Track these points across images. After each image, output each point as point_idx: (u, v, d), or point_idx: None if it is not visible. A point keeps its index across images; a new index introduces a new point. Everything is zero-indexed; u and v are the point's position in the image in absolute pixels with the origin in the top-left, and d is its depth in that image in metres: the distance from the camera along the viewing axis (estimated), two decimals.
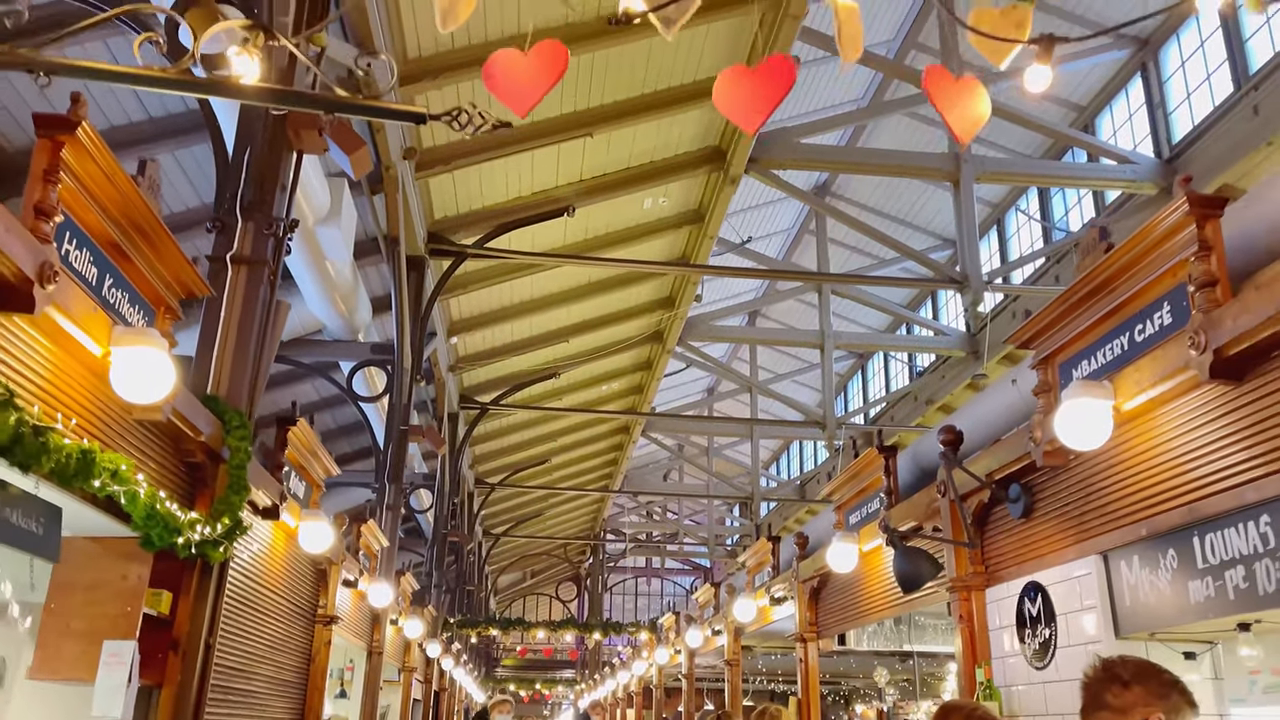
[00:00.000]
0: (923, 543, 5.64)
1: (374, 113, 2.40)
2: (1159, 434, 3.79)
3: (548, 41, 2.28)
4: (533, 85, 2.25)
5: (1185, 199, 3.50)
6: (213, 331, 5.24)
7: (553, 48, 2.29)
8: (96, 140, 3.28)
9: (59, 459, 3.21)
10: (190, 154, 8.93)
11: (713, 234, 14.86)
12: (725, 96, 2.37)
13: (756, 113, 2.33)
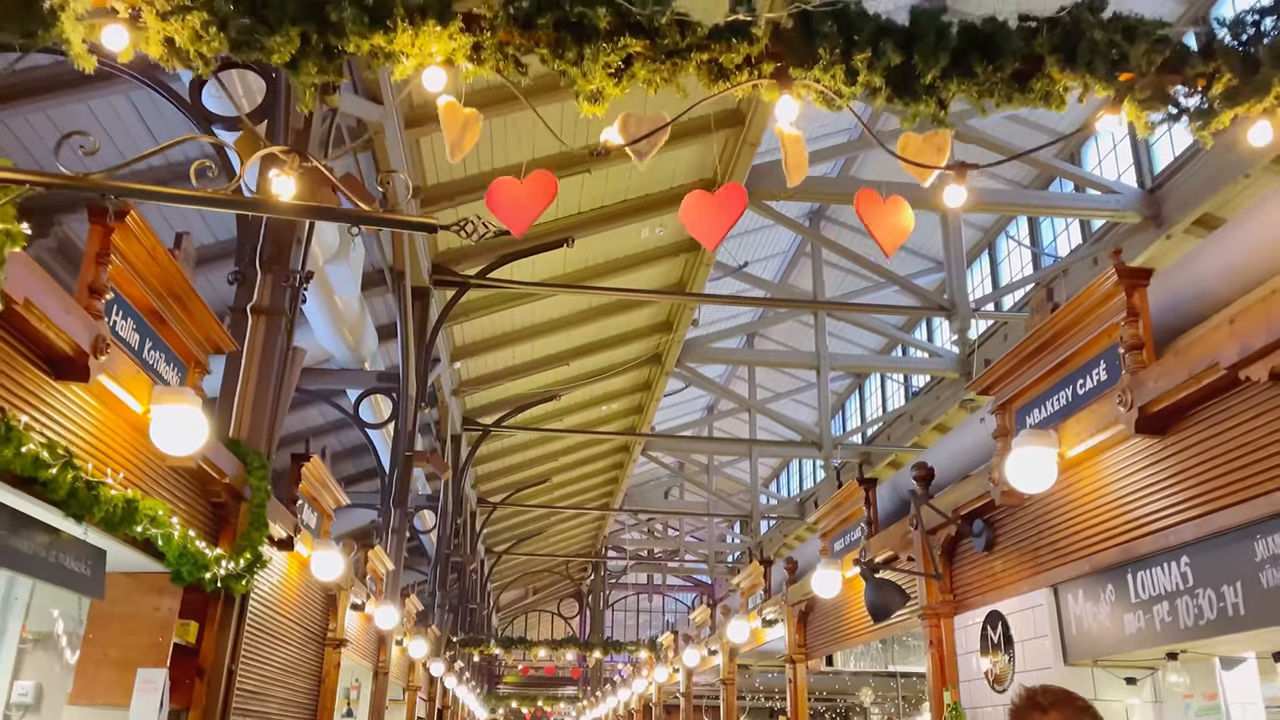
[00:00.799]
0: (896, 572, 6.01)
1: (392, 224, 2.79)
2: (1098, 479, 4.18)
3: (540, 172, 2.69)
4: (528, 208, 2.65)
5: (1114, 270, 3.89)
6: (234, 378, 5.64)
7: (544, 177, 2.70)
8: (141, 223, 3.70)
9: (108, 509, 3.60)
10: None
11: (709, 261, 15.29)
12: (690, 215, 2.78)
13: (716, 232, 2.74)
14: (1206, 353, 3.36)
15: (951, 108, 2.85)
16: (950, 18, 2.64)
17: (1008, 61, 2.60)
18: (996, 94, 2.66)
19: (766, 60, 2.61)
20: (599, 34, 2.54)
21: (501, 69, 2.62)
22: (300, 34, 2.48)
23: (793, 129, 2.65)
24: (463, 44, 2.57)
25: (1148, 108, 2.72)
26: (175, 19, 2.44)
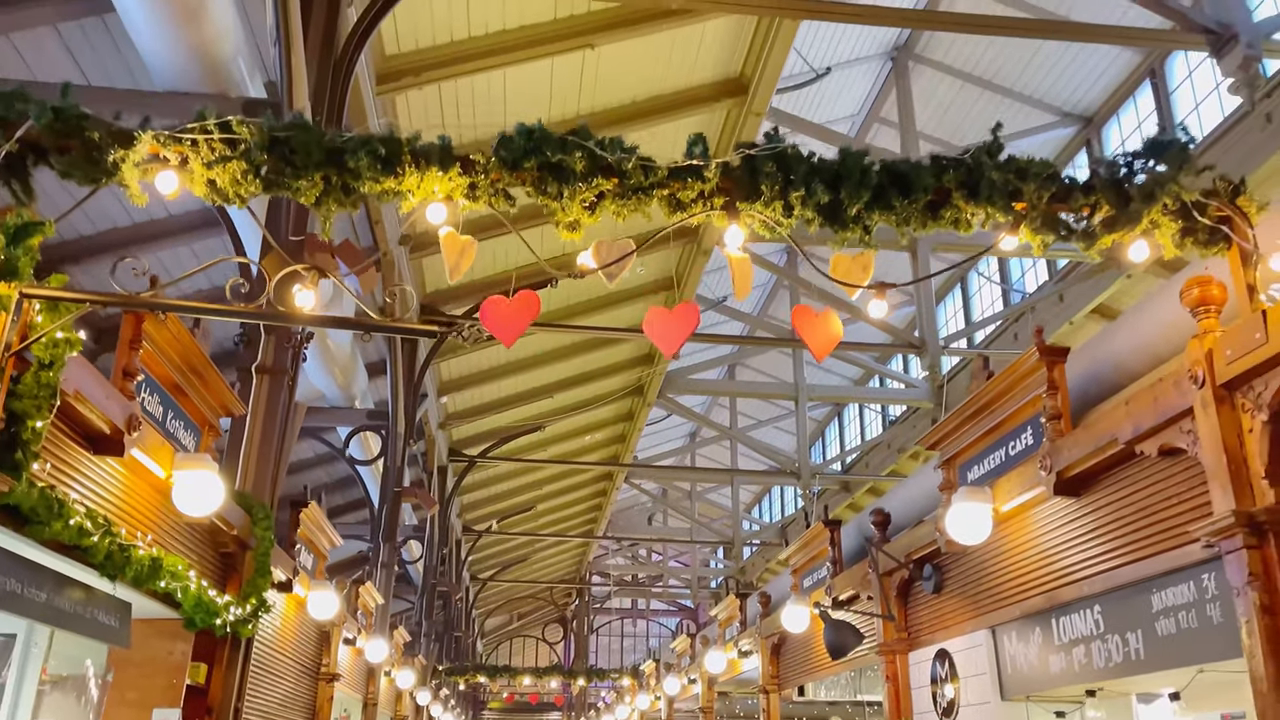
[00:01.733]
0: (856, 612, 6.47)
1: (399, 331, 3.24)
2: (1027, 533, 4.66)
3: (526, 291, 3.16)
4: (515, 323, 3.11)
5: (1036, 348, 4.39)
6: (240, 432, 6.05)
7: (529, 296, 3.16)
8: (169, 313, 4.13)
9: (137, 568, 4.02)
10: (205, 246, 9.78)
11: (688, 298, 15.81)
12: (652, 328, 3.25)
13: (675, 343, 3.21)
14: (1109, 429, 3.85)
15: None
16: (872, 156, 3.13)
17: (921, 195, 3.09)
18: (913, 222, 3.14)
19: (717, 195, 3.09)
20: (576, 175, 3.02)
21: (493, 203, 3.09)
22: (323, 177, 2.94)
23: (740, 252, 3.13)
24: (460, 184, 3.04)
25: (1041, 232, 3.22)
26: (218, 166, 2.89)
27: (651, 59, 10.25)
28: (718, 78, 11.01)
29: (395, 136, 2.99)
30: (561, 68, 9.75)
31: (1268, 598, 3.02)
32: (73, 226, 8.30)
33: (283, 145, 2.90)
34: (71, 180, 3.05)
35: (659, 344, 3.28)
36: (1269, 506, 3.06)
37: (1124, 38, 9.68)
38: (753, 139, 11.61)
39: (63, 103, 2.87)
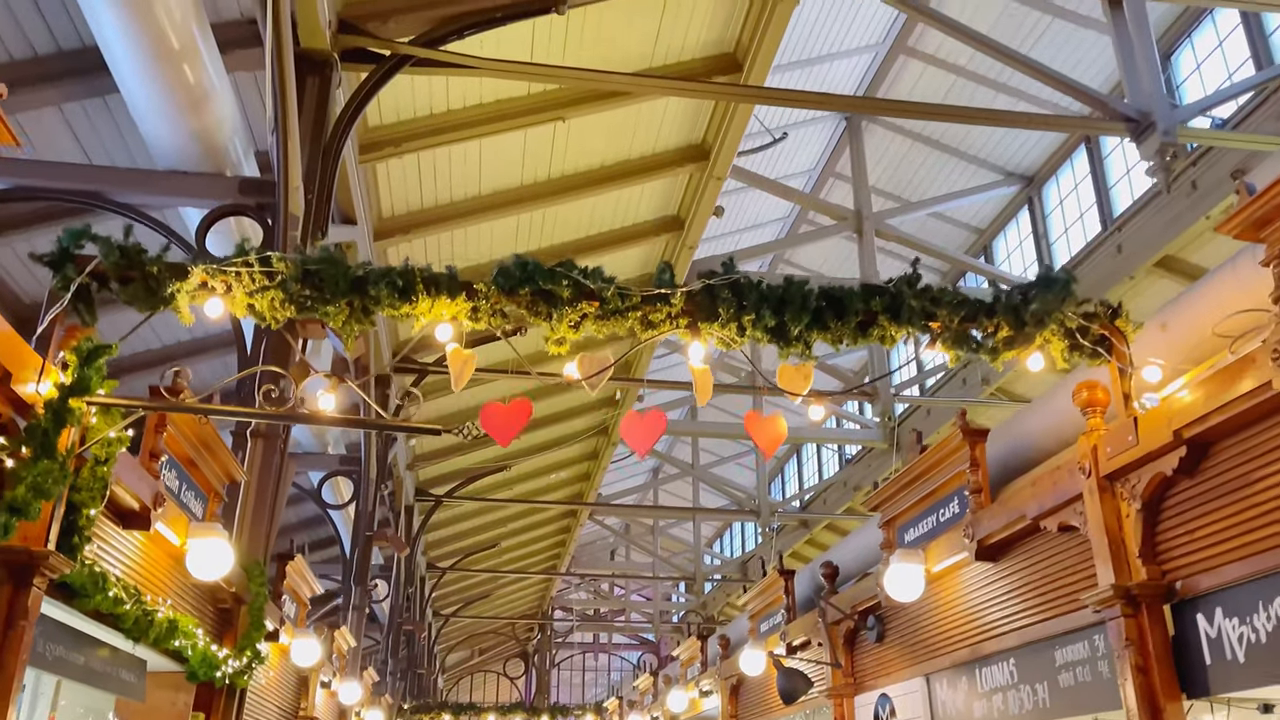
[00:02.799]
0: (805, 659, 7.01)
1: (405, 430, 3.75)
2: (955, 592, 5.24)
3: (519, 399, 3.69)
4: (510, 426, 3.64)
5: (960, 429, 5.00)
6: (235, 491, 6.48)
7: (522, 402, 3.70)
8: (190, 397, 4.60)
9: (158, 630, 4.46)
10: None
11: (652, 345, 16.40)
12: (626, 430, 3.80)
13: (645, 445, 3.76)
14: (1018, 505, 4.46)
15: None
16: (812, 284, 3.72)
17: (852, 318, 3.67)
18: (846, 338, 3.72)
19: (682, 316, 3.64)
20: (563, 300, 3.56)
21: (491, 323, 3.62)
22: (348, 303, 3.45)
23: (701, 364, 3.69)
24: (464, 308, 3.57)
25: (953, 347, 3.81)
26: (258, 294, 3.40)
27: (619, 128, 10.87)
28: (681, 144, 11.67)
29: (411, 269, 3.52)
30: (534, 138, 10.33)
31: (1141, 659, 3.61)
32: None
33: (314, 276, 3.42)
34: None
35: (633, 446, 3.82)
36: (1141, 582, 3.66)
37: (1049, 124, 10.52)
38: (714, 202, 12.29)
39: (126, 242, 3.36)
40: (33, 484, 3.01)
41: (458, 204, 11.10)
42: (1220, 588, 3.40)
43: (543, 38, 8.94)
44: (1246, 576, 3.27)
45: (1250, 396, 3.11)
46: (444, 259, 12.26)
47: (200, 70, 6.51)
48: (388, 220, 10.86)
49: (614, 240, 13.13)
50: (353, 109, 7.69)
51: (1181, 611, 3.59)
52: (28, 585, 3.20)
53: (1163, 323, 4.24)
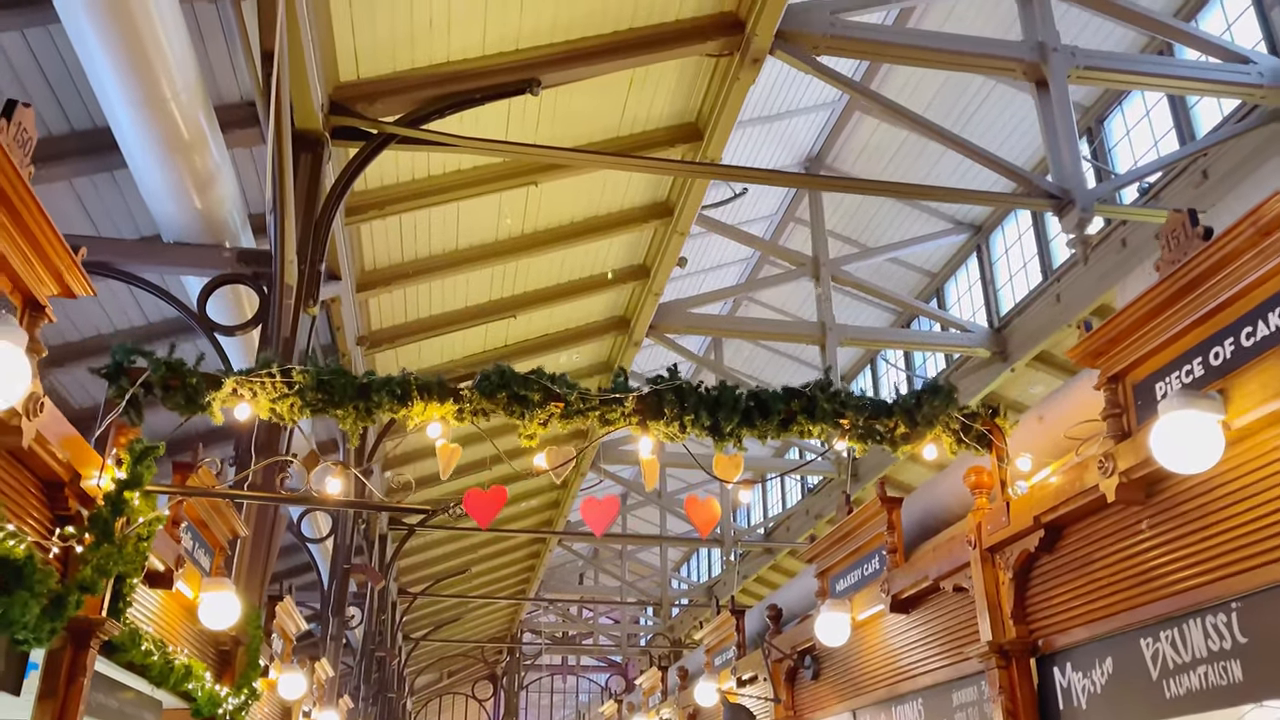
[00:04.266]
0: (756, 686, 7.73)
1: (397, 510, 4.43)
2: (876, 638, 5.99)
3: (497, 488, 4.38)
4: (489, 509, 4.33)
5: (878, 497, 5.76)
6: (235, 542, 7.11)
7: (499, 490, 4.39)
8: (205, 470, 5.26)
9: (176, 676, 5.10)
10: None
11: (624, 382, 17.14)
12: (585, 512, 4.50)
13: (601, 525, 4.47)
14: (922, 567, 5.22)
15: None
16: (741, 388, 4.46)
17: (775, 417, 4.41)
18: (770, 434, 4.47)
19: (634, 415, 4.37)
20: (534, 403, 4.27)
21: (474, 421, 4.32)
22: (354, 407, 4.15)
23: (650, 455, 4.41)
24: (451, 409, 4.26)
25: (860, 441, 4.56)
26: (280, 401, 4.08)
27: (588, 189, 11.63)
28: (647, 202, 12.44)
29: (407, 379, 4.22)
30: (509, 199, 11.06)
31: (1010, 705, 4.36)
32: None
33: (326, 385, 4.11)
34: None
35: (591, 527, 4.54)
36: (1012, 639, 4.42)
37: (979, 199, 11.41)
38: (678, 254, 13.02)
39: (170, 358, 4.04)
40: (97, 565, 3.67)
41: (436, 257, 11.80)
42: (1070, 646, 4.17)
43: (518, 114, 9.68)
44: (1088, 638, 4.04)
45: (1086, 495, 3.88)
46: (422, 308, 12.95)
47: (207, 158, 7.19)
48: (370, 273, 11.52)
49: (583, 288, 13.87)
50: (342, 184, 8.39)
51: (1043, 665, 4.35)
52: (86, 647, 3.85)
53: (1040, 415, 5.03)
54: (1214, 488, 3.35)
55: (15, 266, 3.12)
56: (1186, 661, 3.46)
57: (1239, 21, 12.00)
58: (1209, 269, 3.32)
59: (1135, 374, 3.80)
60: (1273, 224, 3.08)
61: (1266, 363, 3.11)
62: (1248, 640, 3.22)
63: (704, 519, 4.51)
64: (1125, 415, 3.79)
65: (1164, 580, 3.58)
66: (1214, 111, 12.15)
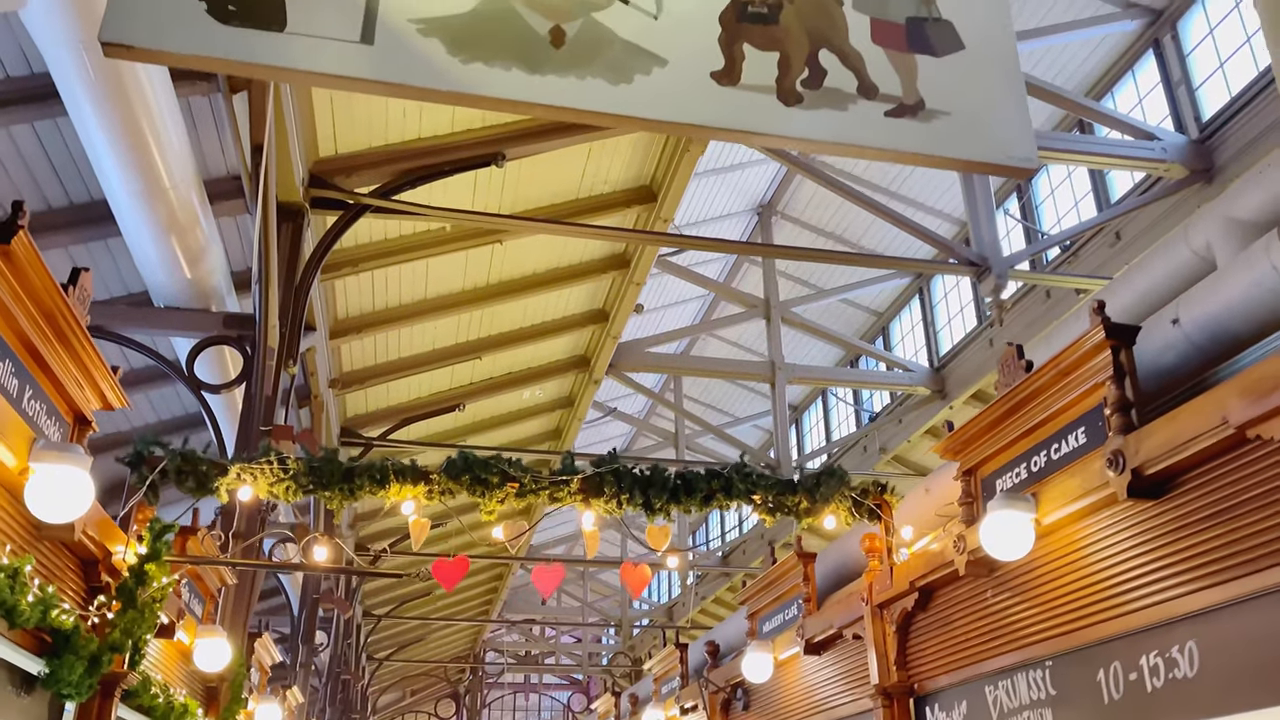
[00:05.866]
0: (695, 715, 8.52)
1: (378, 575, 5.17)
2: (797, 675, 6.82)
3: (460, 557, 5.15)
4: (453, 575, 5.09)
5: (795, 553, 6.60)
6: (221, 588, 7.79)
7: (461, 560, 5.16)
8: (204, 531, 5.98)
9: (175, 714, 5.80)
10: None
11: (582, 416, 17.92)
12: (536, 578, 5.29)
13: (549, 588, 5.25)
14: (829, 617, 6.06)
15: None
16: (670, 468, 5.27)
17: (698, 494, 5.23)
18: (695, 507, 5.28)
19: (579, 493, 5.16)
20: (493, 484, 5.05)
21: (442, 500, 5.09)
22: (339, 488, 4.90)
23: (592, 527, 5.21)
24: (422, 490, 5.03)
25: (770, 514, 5.39)
26: (277, 485, 4.83)
27: (551, 243, 12.43)
28: (606, 254, 13.27)
29: (385, 465, 4.98)
30: (475, 256, 11.83)
31: None
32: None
33: (317, 471, 4.86)
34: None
35: (540, 591, 5.33)
36: (894, 683, 5.27)
37: (902, 265, 12.41)
38: (635, 303, 13.84)
39: (184, 450, 4.79)
40: (124, 629, 4.40)
41: (406, 306, 12.53)
42: (938, 690, 5.02)
43: (484, 180, 10.47)
44: (950, 684, 4.89)
45: (946, 566, 4.74)
46: (391, 352, 13.66)
47: (199, 236, 7.91)
48: (342, 321, 12.23)
49: (545, 331, 14.65)
50: (320, 252, 9.13)
51: (919, 705, 5.20)
52: (111, 696, 4.57)
53: (926, 488, 5.89)
54: (1033, 569, 4.21)
55: (70, 392, 3.86)
56: (1015, 707, 4.32)
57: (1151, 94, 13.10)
58: (1029, 396, 4.20)
59: (984, 470, 4.67)
60: (1070, 367, 3.95)
61: (1068, 473, 3.98)
62: (1057, 692, 4.08)
63: (636, 583, 5.32)
64: (975, 503, 4.66)
65: (1001, 640, 4.44)
66: (1127, 178, 13.24)
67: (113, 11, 3.31)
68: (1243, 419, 3.06)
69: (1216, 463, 3.29)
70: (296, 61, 3.35)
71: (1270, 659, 3.10)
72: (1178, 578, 3.43)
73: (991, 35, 4.05)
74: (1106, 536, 3.79)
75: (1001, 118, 3.95)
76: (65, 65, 5.74)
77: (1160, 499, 3.52)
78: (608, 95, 3.51)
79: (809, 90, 3.75)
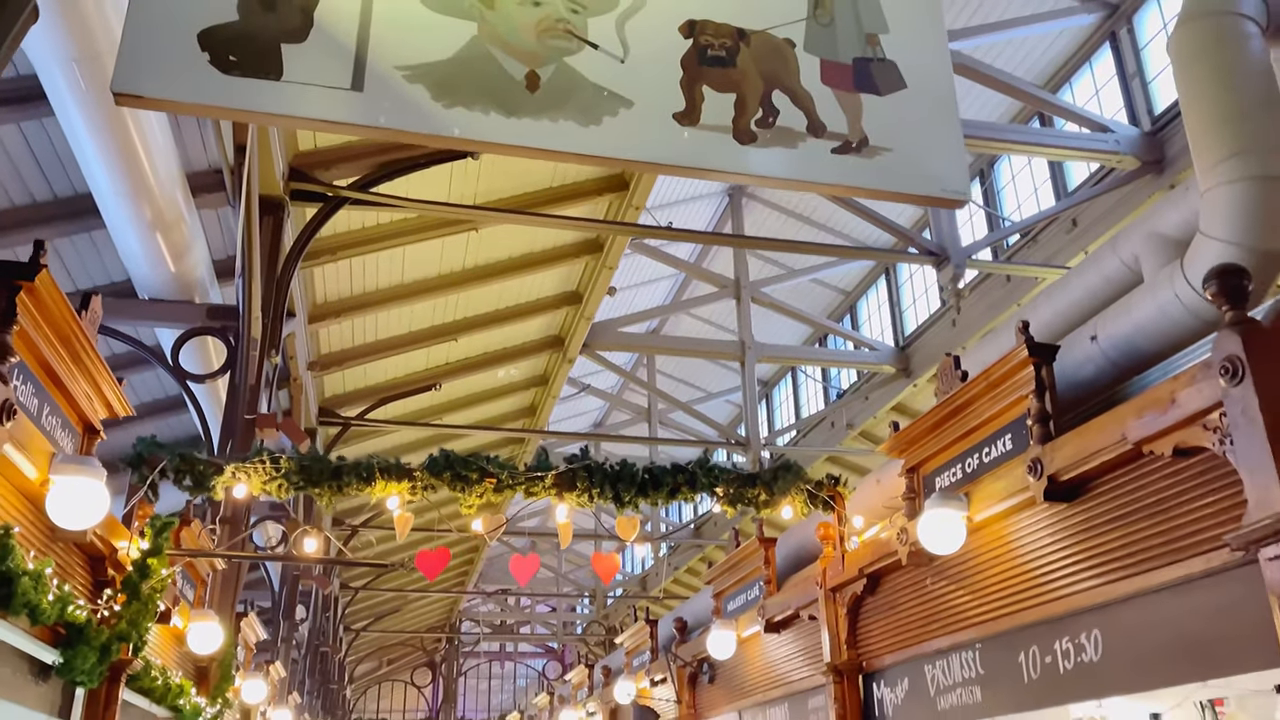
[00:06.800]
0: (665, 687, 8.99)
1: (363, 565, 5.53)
2: (757, 652, 7.27)
3: (441, 548, 5.51)
4: (436, 565, 5.45)
5: (755, 538, 7.03)
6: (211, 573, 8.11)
7: (442, 552, 5.52)
8: (197, 523, 6.30)
9: (172, 695, 6.15)
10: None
11: (556, 393, 18.27)
12: (514, 568, 5.66)
13: (525, 577, 5.63)
14: (786, 598, 6.50)
15: None
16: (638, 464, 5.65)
17: (665, 488, 5.62)
18: (661, 500, 5.68)
19: (553, 488, 5.53)
20: (472, 480, 5.41)
21: (424, 495, 5.44)
22: (328, 485, 5.24)
23: (565, 518, 5.59)
24: (405, 486, 5.38)
25: (731, 505, 5.80)
26: (269, 482, 5.16)
27: (525, 231, 12.71)
28: (579, 240, 13.57)
29: (371, 463, 5.33)
30: (450, 243, 12.10)
31: (843, 711, 5.65)
32: None
33: (307, 469, 5.19)
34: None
35: (517, 579, 5.71)
36: (844, 661, 5.71)
37: (866, 255, 12.80)
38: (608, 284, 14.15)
39: (184, 449, 5.10)
40: (129, 619, 4.73)
41: (383, 291, 12.79)
42: (884, 668, 5.47)
43: (459, 172, 10.72)
44: (894, 663, 5.34)
45: (891, 556, 5.16)
46: (369, 334, 13.92)
47: (183, 232, 8.15)
48: (321, 306, 12.47)
49: (520, 313, 14.95)
50: (301, 244, 9.39)
51: (867, 681, 5.65)
52: (118, 680, 4.92)
53: (878, 479, 6.32)
54: (966, 561, 4.64)
55: (81, 405, 4.17)
56: (949, 684, 4.77)
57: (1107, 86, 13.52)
58: (963, 403, 4.61)
59: (925, 468, 5.09)
60: (998, 380, 4.36)
61: (995, 476, 4.40)
62: (985, 672, 4.53)
63: (606, 569, 5.72)
64: (917, 499, 5.08)
65: (938, 624, 4.88)
66: (1084, 167, 13.68)
67: (123, 64, 3.58)
68: (1138, 436, 3.48)
69: (1118, 473, 3.71)
70: (293, 109, 3.65)
71: (1162, 647, 3.54)
72: (1086, 573, 3.87)
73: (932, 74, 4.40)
74: (1028, 534, 4.21)
75: (938, 153, 4.32)
76: (57, 77, 5.96)
77: (1072, 503, 3.94)
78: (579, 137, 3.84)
79: (762, 129, 4.10)
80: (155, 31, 3.60)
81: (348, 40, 3.74)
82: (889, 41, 4.42)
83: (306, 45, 3.70)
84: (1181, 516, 3.42)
